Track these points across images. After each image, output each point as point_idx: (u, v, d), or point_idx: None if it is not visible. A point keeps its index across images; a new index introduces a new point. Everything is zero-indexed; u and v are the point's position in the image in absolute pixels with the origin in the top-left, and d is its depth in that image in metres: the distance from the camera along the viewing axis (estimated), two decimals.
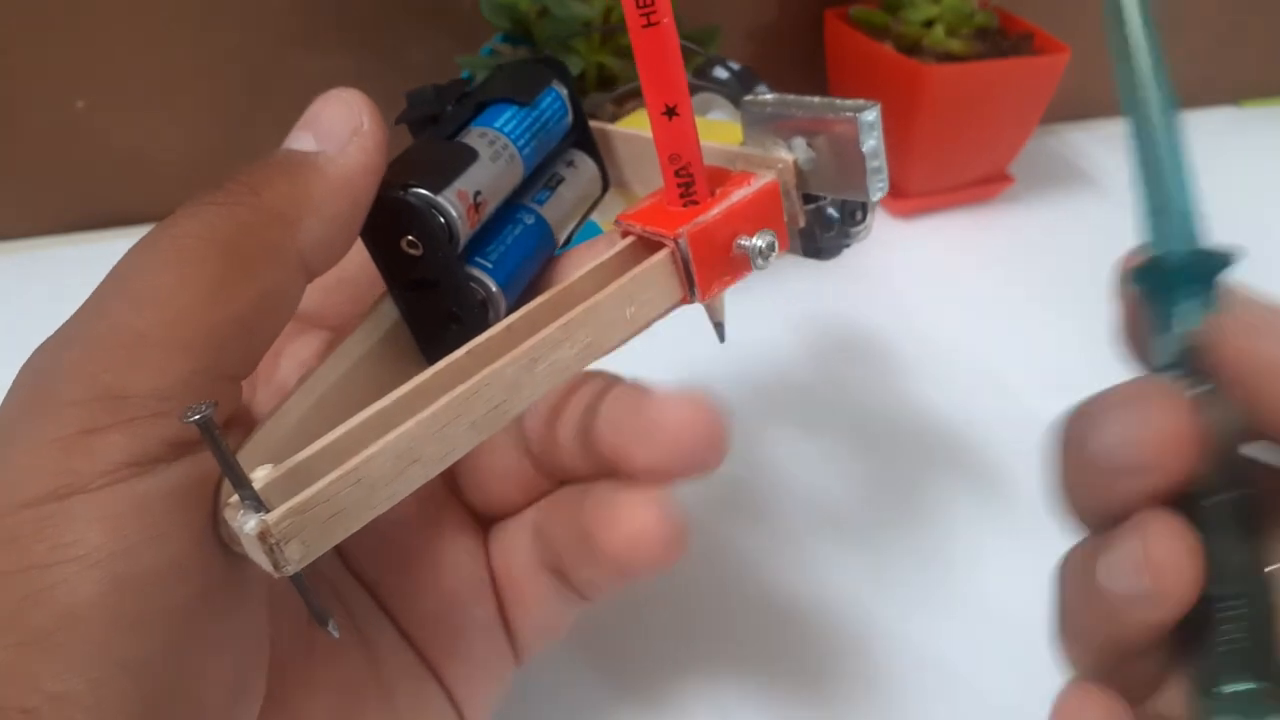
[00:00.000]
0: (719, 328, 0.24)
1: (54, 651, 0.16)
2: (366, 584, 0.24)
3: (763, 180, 0.21)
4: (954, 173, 0.54)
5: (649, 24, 0.19)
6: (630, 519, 0.20)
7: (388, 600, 0.24)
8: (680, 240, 0.20)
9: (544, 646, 0.25)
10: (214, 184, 0.19)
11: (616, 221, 0.22)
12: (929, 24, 0.51)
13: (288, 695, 0.21)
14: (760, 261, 0.21)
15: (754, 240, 0.21)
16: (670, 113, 0.20)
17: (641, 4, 0.19)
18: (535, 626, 0.24)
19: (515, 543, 0.24)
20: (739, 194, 0.21)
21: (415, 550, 0.24)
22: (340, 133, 0.20)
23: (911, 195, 0.54)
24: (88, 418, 0.16)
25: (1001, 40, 0.52)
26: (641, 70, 0.20)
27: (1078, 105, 0.63)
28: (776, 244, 0.21)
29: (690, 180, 0.21)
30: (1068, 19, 0.55)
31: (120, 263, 0.18)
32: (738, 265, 0.21)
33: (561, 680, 0.30)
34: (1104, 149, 0.62)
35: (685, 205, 0.21)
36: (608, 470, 0.21)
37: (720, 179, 0.22)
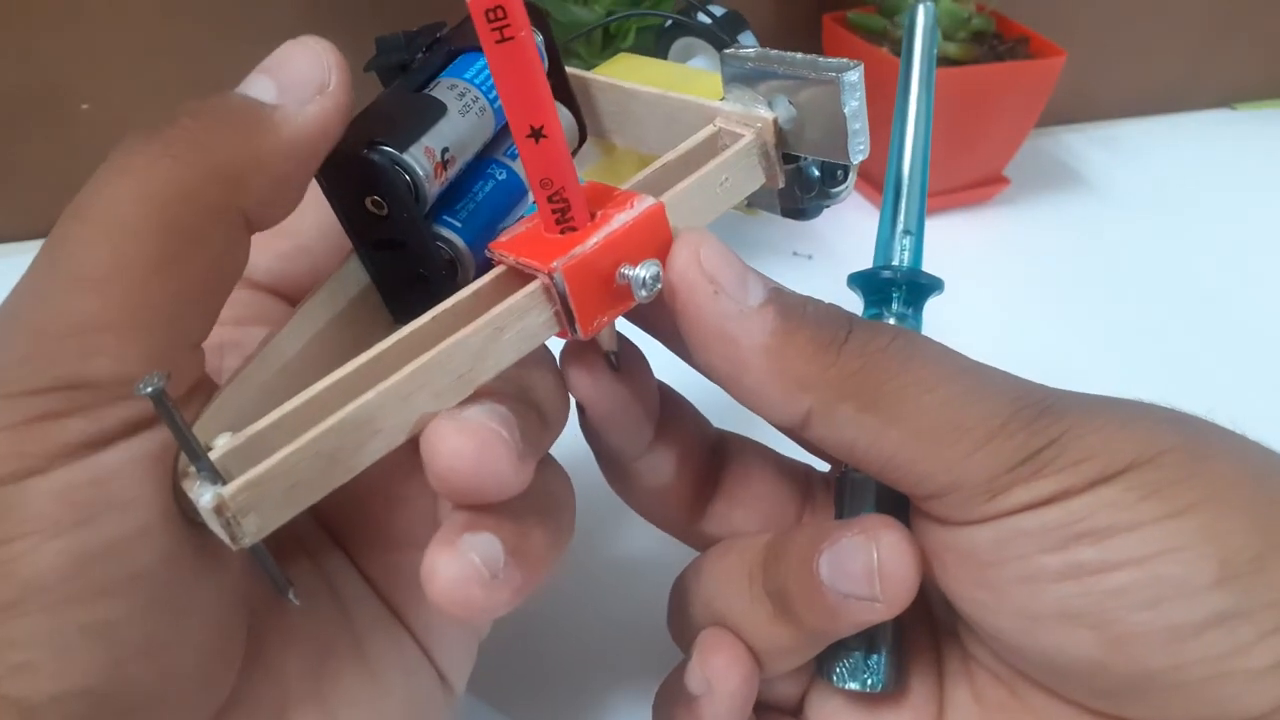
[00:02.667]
0: (611, 357, 0.22)
1: (16, 622, 0.16)
2: (326, 524, 0.23)
3: (646, 203, 0.19)
4: (950, 175, 0.54)
5: (502, 39, 0.17)
6: (435, 573, 0.18)
7: (345, 540, 0.23)
8: (555, 275, 0.18)
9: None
10: (152, 126, 0.18)
11: (488, 250, 0.20)
12: None
13: (262, 649, 0.20)
14: (643, 293, 0.19)
15: (637, 271, 0.19)
16: (537, 135, 0.18)
17: (492, 16, 0.16)
18: None
19: None
20: (620, 219, 0.19)
21: (367, 486, 0.22)
22: (304, 87, 0.18)
23: None
24: (44, 406, 0.16)
25: (998, 44, 0.53)
26: (501, 90, 0.17)
27: (1073, 108, 0.64)
28: (661, 274, 0.19)
29: (565, 205, 0.19)
30: (1063, 23, 0.55)
31: (53, 235, 0.17)
32: (622, 295, 0.19)
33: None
34: (1099, 151, 0.62)
35: (562, 232, 0.19)
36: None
37: (602, 199, 0.20)
